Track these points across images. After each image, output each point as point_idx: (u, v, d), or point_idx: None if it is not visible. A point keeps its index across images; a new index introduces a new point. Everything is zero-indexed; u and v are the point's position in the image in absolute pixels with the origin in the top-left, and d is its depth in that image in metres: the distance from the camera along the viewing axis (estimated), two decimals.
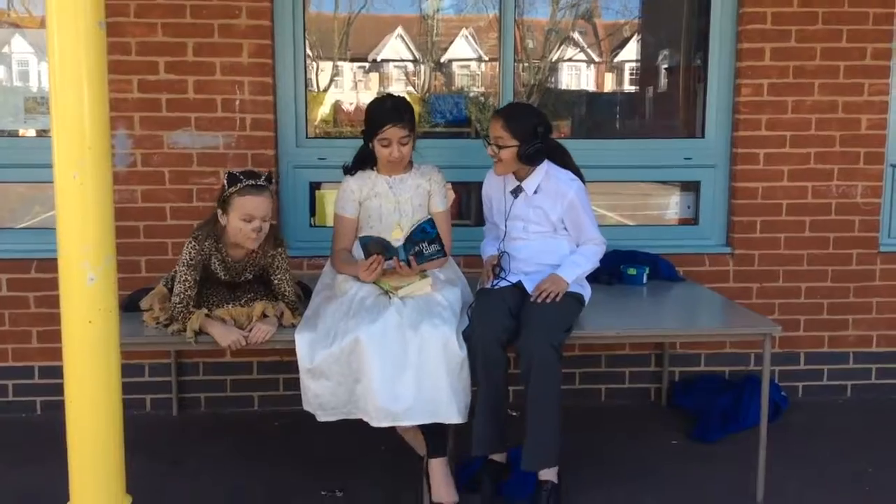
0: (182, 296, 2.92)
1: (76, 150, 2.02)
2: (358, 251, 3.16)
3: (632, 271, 3.77)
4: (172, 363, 3.90)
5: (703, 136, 4.19)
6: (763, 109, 4.03)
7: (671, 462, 3.45)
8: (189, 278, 2.93)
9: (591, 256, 3.16)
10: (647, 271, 3.78)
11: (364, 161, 3.24)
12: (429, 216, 3.02)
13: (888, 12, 3.97)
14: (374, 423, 2.77)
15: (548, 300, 2.95)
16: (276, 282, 3.10)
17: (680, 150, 4.18)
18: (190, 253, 2.94)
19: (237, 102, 3.83)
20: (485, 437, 2.89)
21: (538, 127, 3.04)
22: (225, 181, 2.94)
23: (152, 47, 3.74)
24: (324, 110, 4.65)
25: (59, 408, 2.31)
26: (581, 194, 3.13)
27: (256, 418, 3.90)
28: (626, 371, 4.14)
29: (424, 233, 2.92)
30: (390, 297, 2.93)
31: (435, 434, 2.90)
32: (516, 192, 3.19)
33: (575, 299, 3.09)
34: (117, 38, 3.69)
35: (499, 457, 3.01)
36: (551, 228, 3.15)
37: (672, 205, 4.39)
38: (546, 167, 3.15)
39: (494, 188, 3.30)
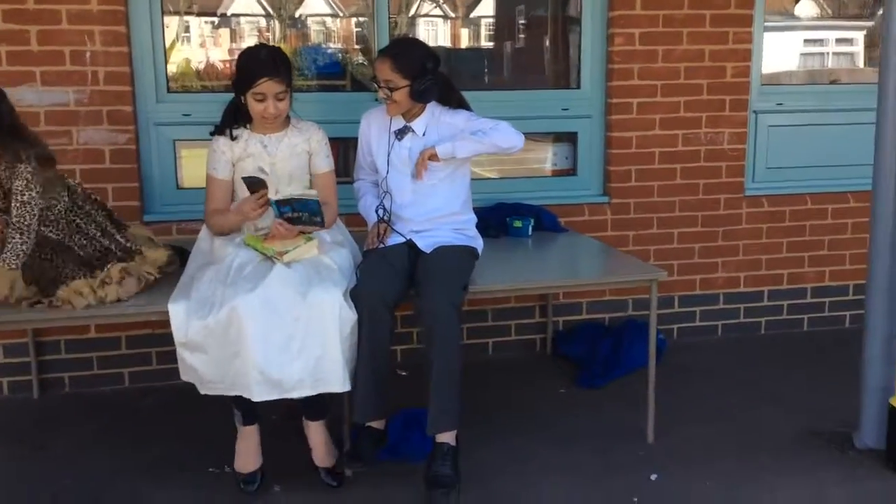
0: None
1: None
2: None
3: (517, 224, 3.75)
4: (30, 342, 3.58)
5: (578, 87, 4.20)
6: (635, 59, 4.07)
7: (562, 411, 3.49)
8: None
9: (480, 131, 2.98)
10: (532, 223, 3.77)
11: (235, 118, 2.98)
12: (315, 197, 2.78)
13: None
14: (257, 398, 2.60)
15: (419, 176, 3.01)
16: None
17: (557, 101, 4.17)
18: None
19: (88, 55, 3.49)
20: (366, 405, 2.78)
21: (427, 62, 2.94)
22: None
23: None
24: (173, 68, 4.33)
25: None
26: (472, 114, 3.07)
27: (128, 396, 3.64)
28: (512, 324, 4.15)
29: (308, 208, 2.76)
30: (274, 263, 2.75)
31: (313, 398, 2.76)
32: (402, 133, 3.07)
33: (469, 253, 3.03)
34: None
35: (377, 423, 2.88)
36: (441, 171, 3.04)
37: (551, 156, 4.39)
38: (432, 108, 3.06)
39: (374, 128, 3.16)
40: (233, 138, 2.95)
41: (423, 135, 3.05)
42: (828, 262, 4.47)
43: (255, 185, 2.79)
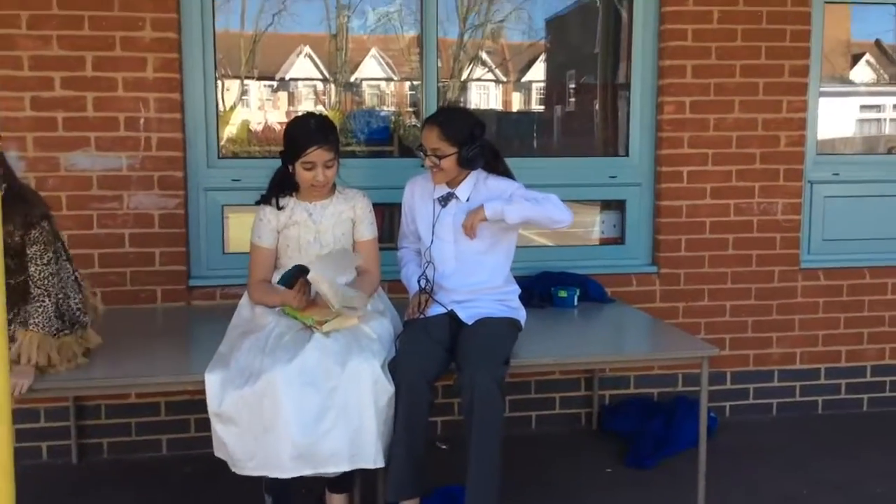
0: None
1: None
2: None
3: (562, 294, 3.67)
4: (71, 406, 3.56)
5: (627, 155, 4.15)
6: (685, 127, 4.01)
7: (608, 491, 3.35)
8: None
9: (531, 199, 2.90)
10: (578, 293, 3.69)
11: (282, 186, 3.00)
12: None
13: (804, 29, 4.02)
14: (289, 473, 2.52)
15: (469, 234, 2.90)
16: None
17: (605, 169, 4.12)
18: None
19: (142, 121, 3.56)
20: (400, 483, 2.68)
21: (474, 129, 2.93)
22: None
23: (47, 62, 3.45)
24: (233, 129, 4.40)
25: None
26: (519, 184, 3.02)
27: (166, 463, 3.60)
28: (557, 397, 4.03)
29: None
30: (313, 332, 2.71)
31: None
32: (446, 199, 3.04)
33: (512, 325, 2.97)
34: (7, 51, 3.41)
35: (411, 502, 2.78)
36: (488, 238, 2.99)
37: (598, 224, 4.32)
38: (476, 175, 3.03)
39: (418, 196, 3.13)
40: (279, 207, 2.96)
41: (467, 200, 3.02)
42: (888, 339, 4.28)
43: (293, 279, 2.76)
